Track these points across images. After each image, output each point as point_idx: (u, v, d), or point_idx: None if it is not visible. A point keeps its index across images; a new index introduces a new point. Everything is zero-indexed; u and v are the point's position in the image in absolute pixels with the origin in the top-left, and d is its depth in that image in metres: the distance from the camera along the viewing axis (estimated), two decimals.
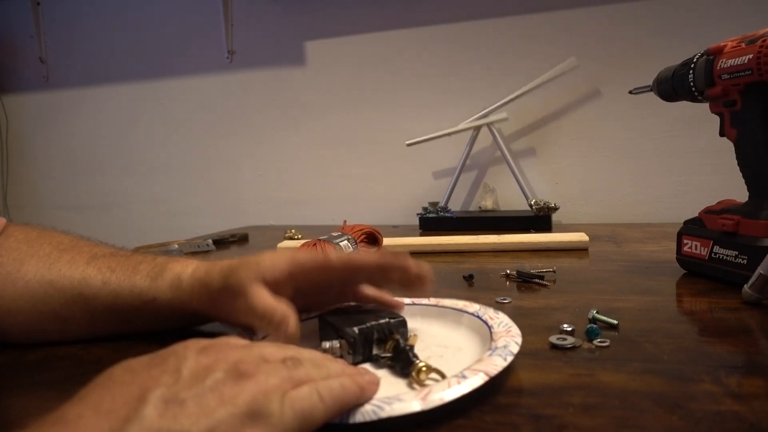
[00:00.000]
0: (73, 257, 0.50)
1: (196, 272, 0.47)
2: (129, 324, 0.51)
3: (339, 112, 1.41)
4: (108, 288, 0.48)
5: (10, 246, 0.51)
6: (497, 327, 0.42)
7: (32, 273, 0.49)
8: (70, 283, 0.49)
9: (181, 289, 0.47)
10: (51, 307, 0.49)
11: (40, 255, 0.50)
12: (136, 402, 0.25)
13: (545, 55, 1.23)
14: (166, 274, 0.48)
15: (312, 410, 0.28)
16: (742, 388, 0.35)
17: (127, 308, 0.49)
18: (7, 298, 0.49)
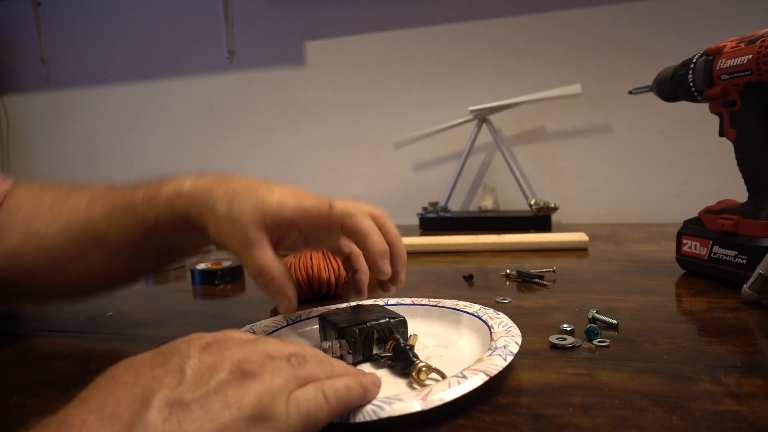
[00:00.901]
0: (74, 203, 0.50)
1: (198, 184, 0.45)
2: (145, 259, 0.51)
3: (339, 112, 1.41)
4: (114, 223, 0.48)
5: (17, 206, 0.52)
6: (497, 327, 0.42)
7: (43, 229, 0.50)
8: (80, 229, 0.49)
9: (181, 202, 0.45)
10: (69, 257, 0.50)
11: (45, 209, 0.51)
12: (140, 406, 0.24)
13: (546, 55, 1.24)
14: (162, 192, 0.46)
15: (317, 412, 0.28)
16: (742, 387, 0.35)
17: (137, 239, 0.48)
18: (29, 259, 0.50)
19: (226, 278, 0.75)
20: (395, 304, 0.51)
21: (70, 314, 0.64)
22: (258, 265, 0.42)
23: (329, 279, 0.62)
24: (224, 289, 0.72)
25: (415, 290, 0.65)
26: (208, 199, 0.43)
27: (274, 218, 0.42)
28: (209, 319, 0.59)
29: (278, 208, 0.42)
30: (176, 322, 0.58)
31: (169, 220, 0.45)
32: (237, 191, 0.43)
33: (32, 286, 0.53)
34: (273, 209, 0.42)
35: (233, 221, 0.42)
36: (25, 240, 0.50)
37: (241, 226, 0.41)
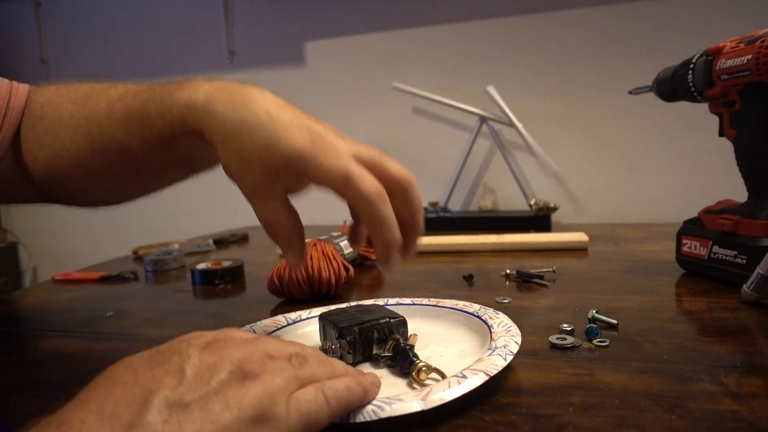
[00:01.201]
0: (93, 111, 0.49)
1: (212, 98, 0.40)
2: (174, 169, 0.50)
3: (339, 112, 1.41)
4: (133, 135, 0.45)
5: (39, 115, 0.52)
6: (497, 327, 0.42)
7: (69, 142, 0.50)
8: (103, 143, 0.48)
9: (195, 118, 0.40)
10: (101, 168, 0.50)
11: (66, 119, 0.50)
12: (140, 406, 0.24)
13: (546, 55, 1.24)
14: (175, 106, 0.42)
15: (317, 413, 0.28)
16: (741, 387, 0.35)
17: (160, 152, 0.46)
18: (64, 171, 0.50)
19: (226, 278, 0.75)
20: (395, 304, 0.51)
21: (70, 314, 0.64)
22: (265, 218, 0.40)
23: (329, 279, 0.62)
24: (224, 289, 0.72)
25: (415, 290, 0.65)
26: (220, 124, 0.38)
27: (286, 169, 0.37)
28: (209, 319, 0.59)
29: (292, 161, 0.37)
30: (176, 322, 0.58)
31: (186, 136, 0.42)
32: (251, 122, 0.38)
33: (74, 194, 0.54)
34: (285, 160, 0.37)
35: (242, 161, 0.38)
36: (55, 153, 0.51)
37: (251, 170, 0.38)
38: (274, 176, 0.38)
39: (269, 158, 0.37)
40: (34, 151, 0.52)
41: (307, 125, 0.38)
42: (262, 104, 0.39)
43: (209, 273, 0.75)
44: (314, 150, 0.37)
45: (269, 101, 0.39)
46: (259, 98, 0.39)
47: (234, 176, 0.39)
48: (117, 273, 0.82)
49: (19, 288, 1.66)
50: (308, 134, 0.37)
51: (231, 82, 0.42)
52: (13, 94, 0.53)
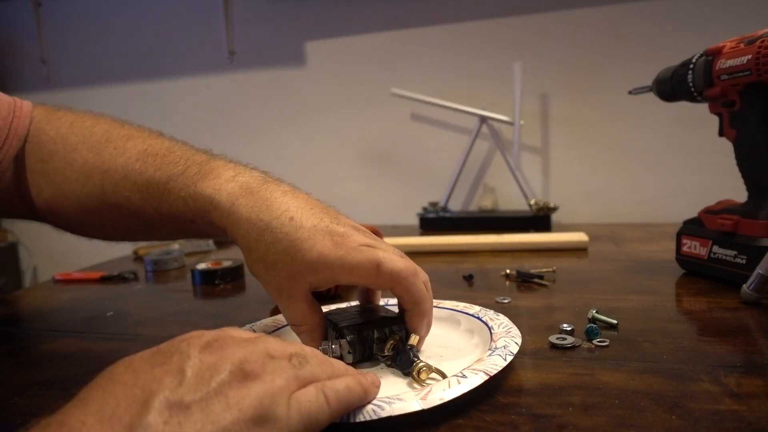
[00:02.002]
0: (108, 165, 0.50)
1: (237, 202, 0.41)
2: (184, 234, 0.52)
3: (339, 112, 1.41)
4: (149, 204, 0.47)
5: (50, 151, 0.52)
6: (497, 328, 0.42)
7: (78, 188, 0.51)
8: (116, 201, 0.49)
9: (218, 216, 0.42)
10: (108, 219, 0.51)
11: (78, 165, 0.51)
12: (140, 407, 0.24)
13: (546, 55, 1.23)
14: (198, 196, 0.43)
15: (318, 413, 0.28)
16: (741, 387, 0.35)
17: (174, 224, 0.48)
18: (68, 212, 0.52)
19: (226, 278, 0.75)
20: (395, 304, 0.51)
21: (70, 314, 0.64)
22: (290, 318, 0.41)
23: None
24: (224, 289, 0.72)
25: None
26: (244, 231, 0.40)
27: (313, 274, 0.39)
28: (209, 319, 0.59)
29: (317, 266, 0.38)
30: (176, 322, 0.58)
31: (206, 224, 0.44)
32: (275, 229, 0.39)
33: (74, 229, 0.56)
34: (311, 266, 0.38)
35: (267, 267, 0.40)
36: (63, 195, 0.51)
37: (275, 275, 0.40)
38: (299, 280, 0.39)
39: (293, 265, 0.39)
40: (40, 185, 0.52)
41: (328, 228, 0.40)
42: (285, 210, 0.40)
43: (209, 273, 0.75)
44: (338, 252, 0.38)
45: (291, 205, 0.41)
46: (282, 202, 0.41)
47: (260, 278, 0.41)
48: (117, 273, 0.82)
49: (19, 288, 1.66)
50: (331, 239, 0.39)
51: (255, 179, 0.43)
52: (16, 114, 0.53)
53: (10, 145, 0.52)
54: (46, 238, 1.71)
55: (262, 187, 0.42)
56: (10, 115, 0.52)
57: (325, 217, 0.41)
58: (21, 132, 0.53)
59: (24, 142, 0.53)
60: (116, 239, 0.57)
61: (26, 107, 0.54)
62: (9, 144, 0.52)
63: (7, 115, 0.52)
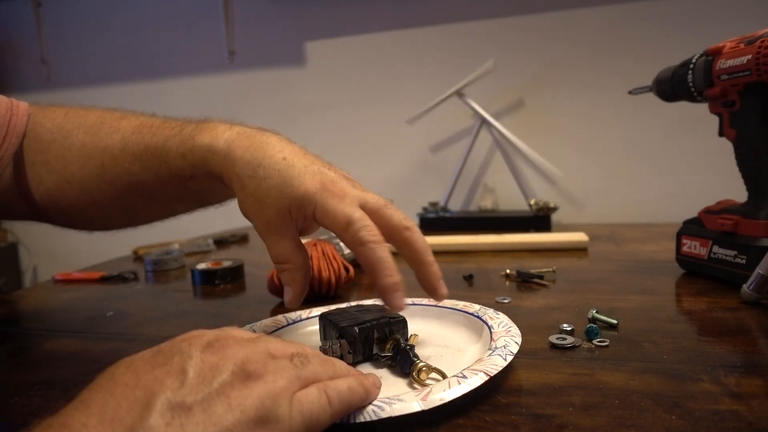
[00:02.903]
0: (106, 142, 0.51)
1: (233, 145, 0.43)
2: (184, 203, 0.53)
3: (339, 112, 1.41)
4: (148, 170, 0.48)
5: (49, 140, 0.53)
6: (497, 327, 0.42)
7: (78, 171, 0.51)
8: (115, 175, 0.50)
9: (216, 161, 0.43)
10: (109, 199, 0.52)
11: (77, 148, 0.52)
12: (142, 409, 0.24)
13: (546, 55, 1.24)
14: (196, 147, 0.45)
15: (320, 414, 0.28)
16: (741, 387, 0.35)
17: (173, 188, 0.48)
18: (70, 198, 0.52)
19: (226, 278, 0.75)
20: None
21: (70, 314, 0.64)
22: (275, 254, 0.42)
23: (329, 279, 0.62)
24: (224, 289, 0.72)
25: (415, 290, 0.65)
26: (239, 168, 0.42)
27: (297, 210, 0.40)
28: (209, 319, 0.59)
29: (302, 202, 0.40)
30: (176, 322, 0.58)
31: (204, 176, 0.45)
32: (267, 166, 0.41)
33: (75, 220, 0.56)
34: (297, 201, 0.40)
35: (258, 202, 0.41)
36: (64, 180, 0.52)
37: (265, 210, 0.41)
38: (286, 216, 0.40)
39: (282, 199, 0.40)
40: (41, 176, 0.53)
41: (319, 170, 0.41)
42: (279, 150, 0.42)
43: (209, 273, 0.75)
44: (323, 194, 0.39)
45: (286, 148, 0.43)
46: (277, 145, 0.43)
47: (250, 215, 0.42)
48: (117, 273, 0.82)
49: (19, 288, 1.66)
50: (319, 179, 0.40)
51: (251, 129, 0.45)
52: (13, 112, 0.54)
53: (10, 143, 0.53)
54: (46, 238, 1.71)
55: (258, 132, 0.44)
56: (8, 113, 0.53)
57: (317, 161, 0.42)
58: (19, 129, 0.53)
59: (22, 139, 0.54)
60: (118, 223, 0.57)
61: (23, 106, 0.55)
62: (8, 141, 0.53)
63: (5, 113, 0.53)
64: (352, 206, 0.39)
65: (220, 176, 0.44)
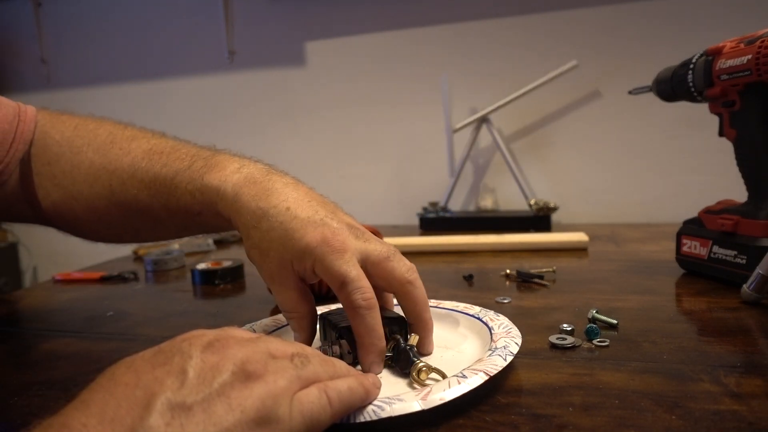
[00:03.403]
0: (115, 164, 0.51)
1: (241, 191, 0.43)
2: (191, 230, 0.53)
3: (339, 112, 1.41)
4: (157, 200, 0.48)
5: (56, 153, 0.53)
6: (497, 328, 0.42)
7: (86, 190, 0.52)
8: (124, 199, 0.50)
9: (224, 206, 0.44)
10: (116, 219, 0.52)
11: (85, 166, 0.52)
12: (142, 409, 0.24)
13: (545, 55, 1.23)
14: (206, 188, 0.45)
15: (320, 414, 0.28)
16: (741, 387, 0.35)
17: (182, 219, 0.49)
18: (76, 213, 0.53)
19: (226, 278, 0.75)
20: (396, 304, 0.51)
21: (70, 314, 0.64)
22: (280, 303, 0.42)
23: None
24: (224, 289, 0.72)
25: None
26: (244, 218, 0.42)
27: (298, 263, 0.40)
28: (209, 319, 0.59)
29: (303, 255, 0.39)
30: (176, 322, 0.58)
31: (213, 215, 0.45)
32: (271, 217, 0.40)
33: (81, 232, 0.56)
34: (297, 255, 0.39)
35: (261, 253, 0.41)
36: (71, 196, 0.52)
37: (268, 261, 0.41)
38: (288, 268, 0.40)
39: (284, 252, 0.40)
40: (47, 188, 0.53)
41: (322, 221, 0.40)
42: (283, 200, 0.41)
43: (209, 273, 0.75)
44: (322, 248, 0.39)
45: (290, 196, 0.42)
46: (282, 192, 0.42)
47: (255, 264, 0.43)
48: (117, 273, 0.82)
49: (19, 288, 1.66)
50: (320, 232, 0.39)
51: (259, 170, 0.45)
52: (21, 118, 0.54)
53: (16, 149, 0.53)
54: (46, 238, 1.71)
55: (265, 177, 0.44)
56: (16, 119, 0.53)
57: (321, 210, 0.41)
58: (26, 136, 0.54)
59: (29, 146, 0.54)
60: (123, 240, 0.58)
61: (30, 112, 0.55)
62: (15, 148, 0.53)
63: (13, 119, 0.53)
64: (349, 264, 0.38)
65: (228, 219, 0.44)
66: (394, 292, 0.42)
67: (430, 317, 0.42)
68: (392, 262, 0.41)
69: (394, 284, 0.41)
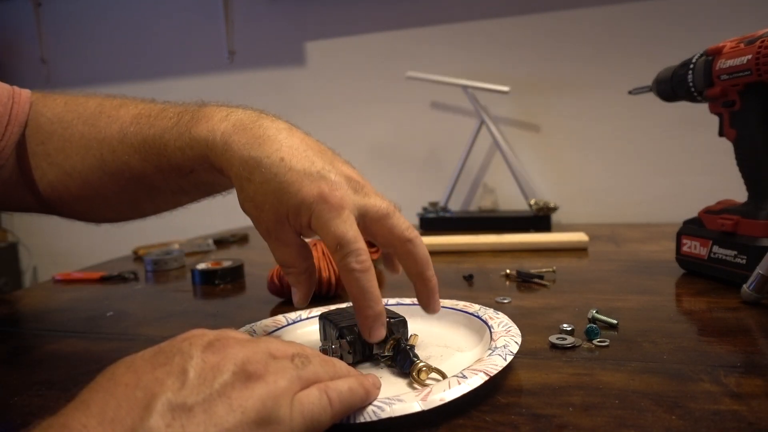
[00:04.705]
0: (105, 133, 0.49)
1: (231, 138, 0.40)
2: (189, 194, 0.51)
3: (339, 112, 1.41)
4: (149, 163, 0.46)
5: (49, 131, 0.52)
6: (497, 327, 0.42)
7: (79, 164, 0.50)
8: (116, 168, 0.48)
9: (215, 156, 0.41)
10: (112, 191, 0.50)
11: (76, 139, 0.51)
12: (142, 410, 0.24)
13: (546, 55, 1.24)
14: (194, 141, 0.42)
15: (321, 415, 0.28)
16: (741, 387, 0.35)
17: (176, 181, 0.47)
18: (73, 190, 0.51)
19: (226, 278, 0.75)
20: (395, 304, 0.51)
21: (70, 314, 0.64)
22: (278, 258, 0.41)
23: (329, 279, 0.62)
24: (224, 289, 0.72)
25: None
26: (237, 169, 0.39)
27: (294, 218, 0.38)
28: (209, 319, 0.59)
29: (299, 210, 0.38)
30: (176, 322, 0.58)
31: (206, 170, 0.44)
32: (264, 169, 0.38)
33: (80, 212, 0.55)
34: (293, 210, 0.38)
35: (256, 207, 0.39)
36: (65, 173, 0.51)
37: (263, 215, 0.39)
38: (285, 223, 0.39)
39: (279, 206, 0.38)
40: (43, 168, 0.52)
41: (319, 173, 0.38)
42: (276, 149, 0.39)
43: (209, 273, 0.75)
44: (319, 205, 0.37)
45: (284, 144, 0.39)
46: (276, 140, 0.40)
47: (251, 217, 0.41)
48: (117, 273, 0.82)
49: (19, 288, 1.66)
50: (317, 186, 0.37)
51: (248, 116, 0.42)
52: (15, 100, 0.53)
53: (12, 132, 0.52)
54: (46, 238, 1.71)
55: (256, 123, 0.41)
56: (10, 101, 0.52)
57: (317, 160, 0.39)
58: (21, 118, 0.53)
59: (24, 128, 0.53)
60: (125, 217, 0.56)
61: (25, 94, 0.54)
62: (10, 131, 0.52)
63: (7, 102, 0.52)
64: (346, 223, 0.37)
65: (221, 171, 0.42)
66: (394, 251, 0.41)
67: (432, 275, 0.41)
68: (391, 219, 0.39)
69: (394, 242, 0.40)
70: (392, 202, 0.41)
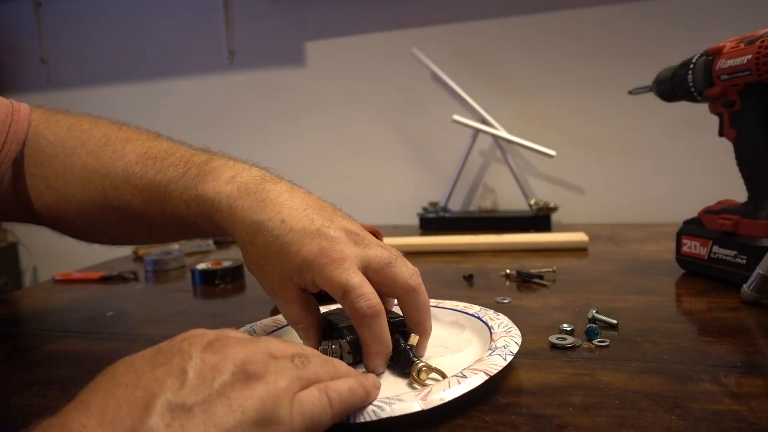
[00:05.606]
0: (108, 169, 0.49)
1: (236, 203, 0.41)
2: (186, 236, 0.52)
3: (339, 112, 1.41)
4: (152, 208, 0.47)
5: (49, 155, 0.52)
6: (497, 327, 0.42)
7: (80, 194, 0.51)
8: (118, 205, 0.49)
9: (220, 218, 0.42)
10: (110, 224, 0.52)
11: (78, 170, 0.51)
12: (142, 410, 0.24)
13: (546, 55, 1.23)
14: (201, 199, 0.43)
15: (321, 415, 0.28)
16: (741, 387, 0.35)
17: (177, 227, 0.48)
18: (70, 216, 0.52)
19: (226, 278, 0.75)
20: (395, 304, 0.51)
21: (70, 314, 0.64)
22: (285, 316, 0.42)
23: None
24: (224, 289, 0.72)
25: None
26: (241, 233, 0.41)
27: (297, 277, 0.39)
28: (209, 319, 0.59)
29: (301, 270, 0.38)
30: (176, 322, 0.58)
31: (210, 226, 0.45)
32: (267, 231, 0.39)
33: (74, 233, 0.56)
34: (296, 270, 0.39)
35: (260, 269, 0.41)
36: (63, 199, 0.51)
37: (267, 277, 0.40)
38: (288, 282, 0.40)
39: (282, 267, 0.39)
40: (40, 190, 0.52)
41: (318, 230, 0.39)
42: (277, 212, 0.40)
43: (209, 273, 0.75)
44: (320, 260, 0.38)
45: (285, 206, 0.41)
46: (277, 203, 0.41)
47: (256, 277, 0.42)
48: (117, 273, 0.82)
49: (19, 288, 1.66)
50: (317, 242, 0.38)
51: (253, 179, 0.43)
52: (14, 117, 0.52)
53: (9, 149, 0.51)
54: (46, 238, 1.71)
55: (260, 187, 0.42)
56: (8, 118, 0.52)
57: (317, 218, 0.40)
58: (19, 135, 0.52)
59: (22, 146, 0.52)
60: (118, 243, 0.57)
61: (24, 110, 0.54)
62: (7, 148, 0.51)
63: (5, 119, 0.52)
64: (350, 272, 0.37)
65: (225, 232, 0.44)
66: (397, 299, 0.41)
67: (430, 325, 0.42)
68: (394, 267, 0.40)
69: (397, 290, 0.40)
70: (394, 250, 0.41)
